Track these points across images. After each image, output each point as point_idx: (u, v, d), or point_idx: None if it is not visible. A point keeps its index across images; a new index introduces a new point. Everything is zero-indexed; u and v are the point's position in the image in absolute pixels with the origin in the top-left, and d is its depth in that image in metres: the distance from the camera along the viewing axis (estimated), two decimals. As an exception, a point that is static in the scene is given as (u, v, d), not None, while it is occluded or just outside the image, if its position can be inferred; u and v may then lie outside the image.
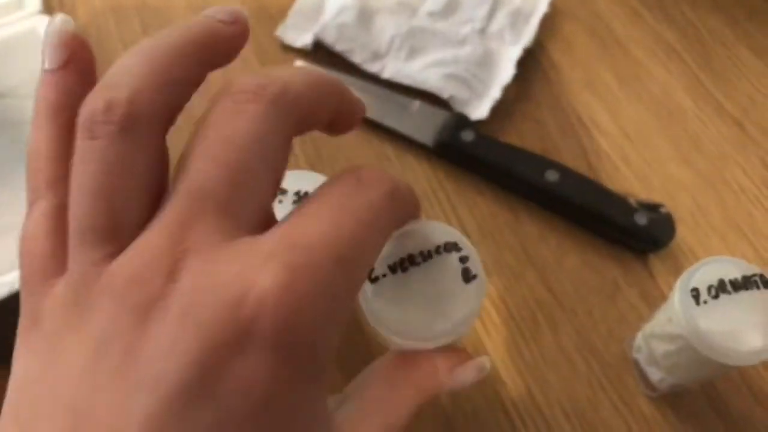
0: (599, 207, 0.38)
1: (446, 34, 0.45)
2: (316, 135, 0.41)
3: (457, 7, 0.46)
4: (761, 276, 0.30)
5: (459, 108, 0.42)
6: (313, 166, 0.41)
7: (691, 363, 0.31)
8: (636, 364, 0.36)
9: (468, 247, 0.26)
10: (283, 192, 0.31)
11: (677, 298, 0.30)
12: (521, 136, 0.43)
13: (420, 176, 0.41)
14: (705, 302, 0.30)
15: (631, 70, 0.45)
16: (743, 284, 0.30)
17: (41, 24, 0.37)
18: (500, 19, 0.46)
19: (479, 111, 0.42)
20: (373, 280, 0.25)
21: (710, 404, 0.35)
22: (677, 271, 0.38)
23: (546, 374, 0.35)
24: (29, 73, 0.38)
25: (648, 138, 0.43)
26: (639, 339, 0.35)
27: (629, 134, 0.43)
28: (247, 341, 0.16)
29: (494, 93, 0.43)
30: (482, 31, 0.45)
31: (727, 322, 0.29)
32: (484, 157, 0.40)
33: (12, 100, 0.39)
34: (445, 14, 0.46)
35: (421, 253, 0.25)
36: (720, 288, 0.30)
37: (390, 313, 0.25)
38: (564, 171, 0.39)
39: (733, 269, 0.30)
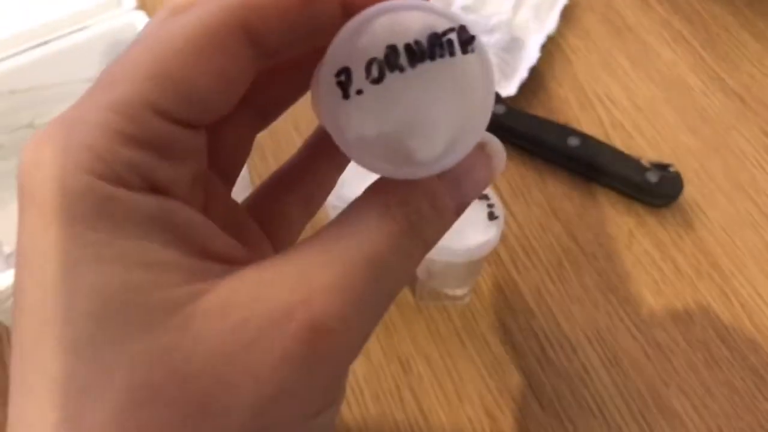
0: (615, 167, 0.44)
1: (477, 25, 0.51)
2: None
3: (487, 1, 0.52)
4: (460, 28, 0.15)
5: (490, 87, 0.48)
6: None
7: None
8: (650, 299, 0.41)
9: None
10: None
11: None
12: (546, 110, 0.48)
13: (457, 145, 0.47)
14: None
15: (641, 52, 0.51)
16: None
17: (138, 19, 0.44)
18: (525, 11, 0.52)
19: (508, 89, 0.48)
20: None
21: (717, 334, 0.40)
22: (685, 222, 0.43)
23: (570, 307, 0.41)
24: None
25: (658, 110, 0.48)
26: (652, 276, 0.40)
27: (641, 107, 0.48)
28: None
29: (522, 73, 0.49)
30: (509, 22, 0.51)
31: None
32: (514, 126, 0.46)
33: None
34: (476, 7, 0.52)
35: None
36: None
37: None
38: (584, 137, 0.45)
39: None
